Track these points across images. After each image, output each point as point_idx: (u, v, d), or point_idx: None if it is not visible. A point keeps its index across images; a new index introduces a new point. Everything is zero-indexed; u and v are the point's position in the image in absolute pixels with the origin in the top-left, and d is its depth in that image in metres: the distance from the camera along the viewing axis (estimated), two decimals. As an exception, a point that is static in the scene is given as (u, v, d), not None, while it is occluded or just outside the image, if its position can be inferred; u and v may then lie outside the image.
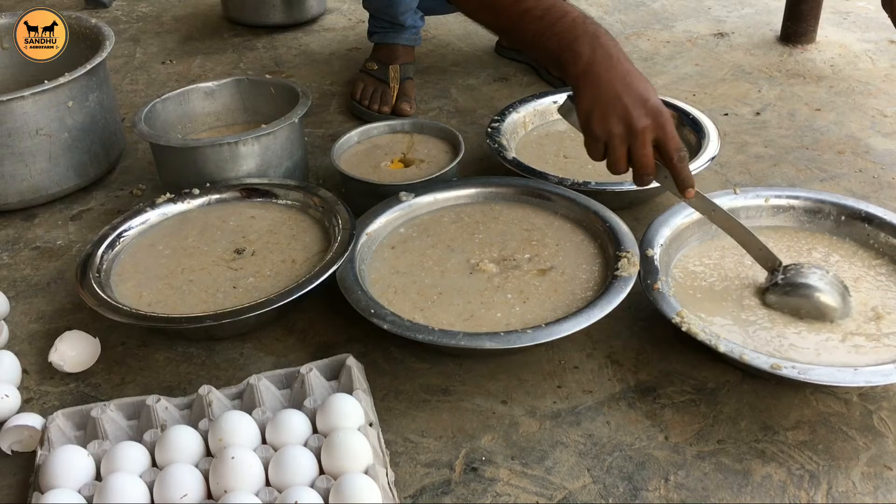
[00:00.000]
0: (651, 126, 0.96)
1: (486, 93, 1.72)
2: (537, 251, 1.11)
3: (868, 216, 1.13)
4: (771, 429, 0.92)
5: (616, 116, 0.96)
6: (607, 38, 0.99)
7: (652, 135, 0.96)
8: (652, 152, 0.97)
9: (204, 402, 0.90)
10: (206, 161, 1.24)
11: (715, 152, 1.29)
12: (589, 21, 1.01)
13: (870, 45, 1.91)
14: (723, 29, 2.03)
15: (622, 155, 0.98)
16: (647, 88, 0.97)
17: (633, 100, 0.95)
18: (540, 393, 0.97)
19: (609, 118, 0.96)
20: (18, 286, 1.19)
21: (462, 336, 0.93)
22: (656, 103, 0.97)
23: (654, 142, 0.97)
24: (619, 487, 0.86)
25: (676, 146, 0.97)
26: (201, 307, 1.03)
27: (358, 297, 1.00)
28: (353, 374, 0.94)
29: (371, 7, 1.68)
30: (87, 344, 1.03)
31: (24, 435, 0.91)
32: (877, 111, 1.61)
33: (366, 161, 1.32)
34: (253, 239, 1.16)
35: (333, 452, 0.82)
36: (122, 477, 0.80)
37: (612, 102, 0.96)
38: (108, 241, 1.14)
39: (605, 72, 0.97)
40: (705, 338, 0.93)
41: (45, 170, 1.32)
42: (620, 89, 0.96)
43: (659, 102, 0.97)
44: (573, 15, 1.00)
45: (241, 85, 1.44)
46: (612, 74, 0.96)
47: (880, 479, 0.86)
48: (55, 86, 1.28)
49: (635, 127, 0.95)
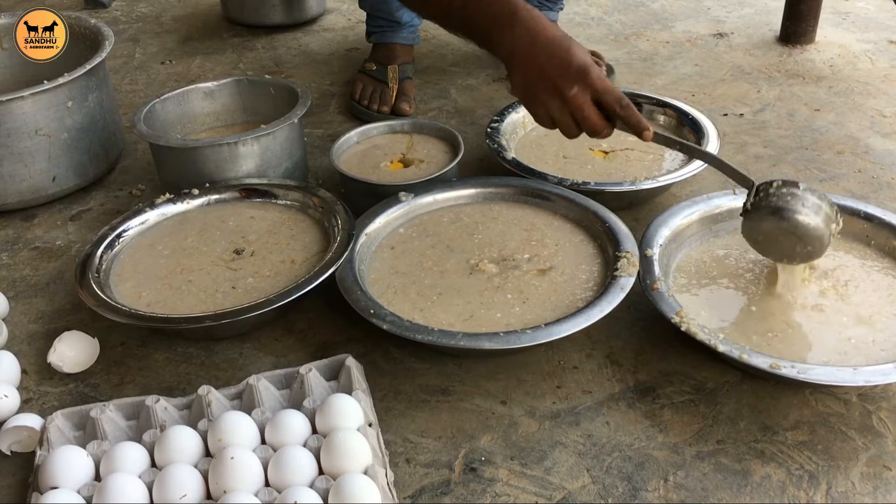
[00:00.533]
0: (580, 88, 0.97)
1: (486, 93, 1.72)
2: (537, 251, 1.11)
3: (867, 216, 1.13)
4: (770, 429, 0.92)
5: (545, 92, 0.98)
6: (525, 13, 0.99)
7: (585, 96, 0.97)
8: (593, 112, 0.98)
9: (203, 402, 0.90)
10: (206, 161, 1.24)
11: (714, 152, 1.29)
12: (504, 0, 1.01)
13: (869, 46, 1.91)
14: (722, 29, 2.03)
15: (568, 122, 1.00)
16: (569, 52, 0.97)
17: (557, 69, 0.97)
18: (539, 393, 0.97)
19: (540, 94, 0.99)
20: (18, 286, 1.19)
21: (461, 336, 0.93)
22: (580, 64, 0.97)
23: (592, 100, 0.98)
24: (619, 488, 0.86)
25: (614, 97, 0.98)
26: (200, 307, 1.03)
27: (357, 298, 1.00)
28: (352, 375, 0.94)
29: (367, 6, 1.68)
30: (87, 344, 1.03)
31: (23, 435, 0.91)
32: (876, 111, 1.62)
33: (365, 161, 1.32)
34: (252, 239, 1.16)
35: (333, 453, 0.82)
36: (122, 477, 0.80)
37: (538, 79, 0.98)
38: (108, 242, 1.14)
39: (525, 50, 0.98)
40: (704, 338, 0.93)
41: (45, 170, 1.32)
42: (543, 63, 0.97)
43: (583, 61, 0.97)
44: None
45: (241, 85, 1.44)
46: (532, 51, 0.98)
47: (879, 480, 0.86)
48: (54, 86, 1.28)
49: (566, 95, 0.97)
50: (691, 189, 1.32)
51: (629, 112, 0.98)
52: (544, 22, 1.00)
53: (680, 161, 1.33)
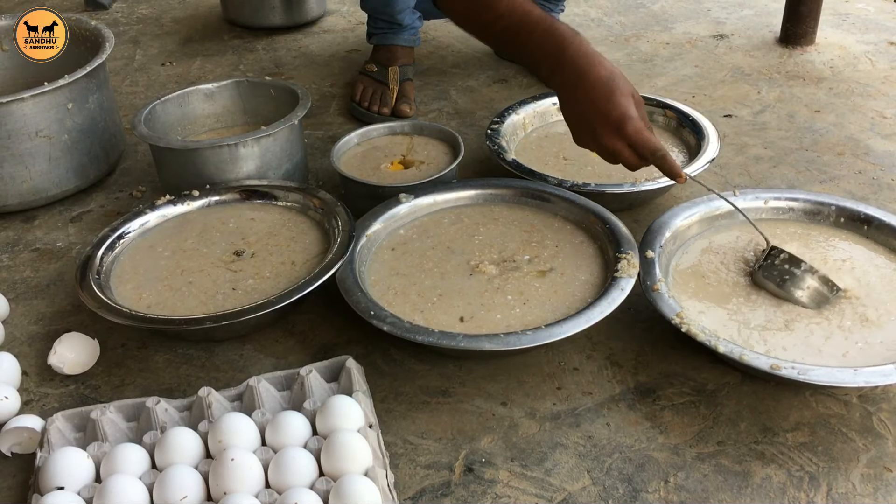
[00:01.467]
0: (618, 138, 1.01)
1: (486, 94, 1.72)
2: (537, 253, 1.11)
3: (867, 218, 1.13)
4: (771, 430, 0.92)
5: (588, 136, 1.04)
6: (572, 52, 1.03)
7: (622, 144, 1.01)
8: (629, 154, 1.02)
9: (204, 403, 0.90)
10: (206, 163, 1.24)
11: (714, 154, 1.29)
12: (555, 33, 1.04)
13: (869, 47, 1.91)
14: (722, 31, 2.03)
15: (607, 158, 1.05)
16: (610, 102, 1.00)
17: (596, 117, 1.01)
18: (540, 394, 0.97)
19: (583, 137, 1.06)
20: (18, 288, 1.19)
21: (462, 338, 0.93)
22: (618, 116, 1.00)
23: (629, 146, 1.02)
24: (619, 489, 0.86)
25: (650, 149, 1.01)
26: (201, 309, 1.03)
27: (358, 299, 1.00)
28: (352, 376, 0.94)
29: (368, 7, 1.68)
30: (87, 346, 1.03)
31: (23, 437, 0.91)
32: (876, 113, 1.62)
33: (365, 163, 1.32)
34: (252, 241, 1.16)
35: (333, 454, 0.82)
36: (122, 479, 0.80)
37: (580, 121, 1.04)
38: (108, 243, 1.14)
39: (571, 93, 1.03)
40: (705, 339, 0.93)
41: (45, 171, 1.32)
42: (585, 109, 1.02)
43: (621, 113, 1.00)
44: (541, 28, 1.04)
45: (241, 87, 1.45)
46: (577, 95, 1.02)
47: (880, 481, 0.86)
48: (55, 88, 1.28)
49: (605, 145, 1.02)
50: (691, 191, 1.32)
51: (663, 163, 1.01)
52: (591, 61, 1.03)
53: (680, 162, 1.33)
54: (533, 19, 1.05)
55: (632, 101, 1.01)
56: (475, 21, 1.12)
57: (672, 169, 1.02)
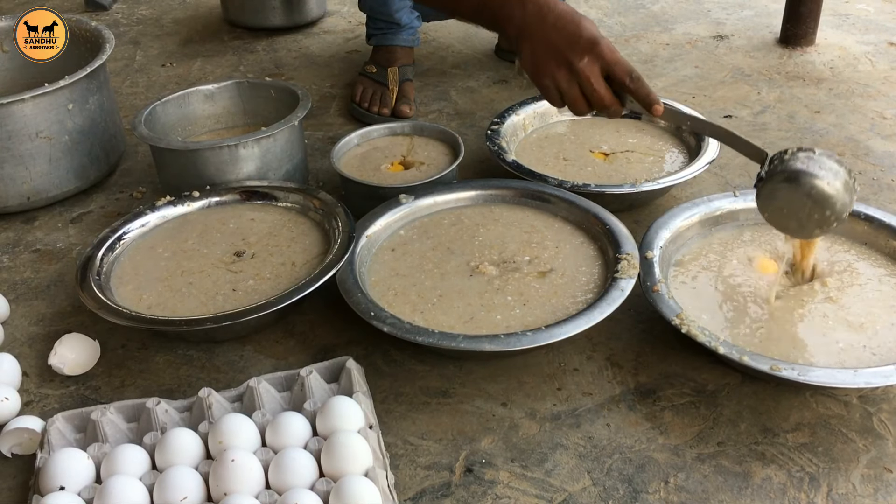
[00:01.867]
0: (590, 60, 0.97)
1: (486, 95, 1.72)
2: (537, 253, 1.11)
3: (868, 218, 1.13)
4: (771, 431, 0.92)
5: (555, 62, 0.98)
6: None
7: (595, 67, 0.97)
8: (602, 84, 0.98)
9: (204, 404, 0.90)
10: (206, 164, 1.24)
11: (714, 154, 1.29)
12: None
13: (869, 48, 1.91)
14: (722, 31, 2.03)
15: (577, 95, 1.00)
16: (579, 25, 0.97)
17: (566, 41, 0.97)
18: (540, 395, 0.97)
19: (549, 66, 0.99)
20: (18, 289, 1.19)
21: (462, 339, 0.93)
22: (590, 35, 0.97)
23: (602, 73, 0.98)
24: (619, 490, 0.86)
25: (624, 69, 0.97)
26: (201, 310, 1.03)
27: (358, 300, 1.00)
28: (352, 377, 0.94)
29: (366, 7, 1.68)
30: (87, 347, 1.03)
31: (24, 437, 0.91)
32: (876, 113, 1.62)
33: (366, 163, 1.32)
34: (253, 241, 1.16)
35: (333, 455, 0.82)
36: (122, 479, 0.80)
37: (548, 51, 0.98)
38: (108, 244, 1.14)
39: (536, 24, 0.99)
40: (705, 340, 0.93)
41: (46, 172, 1.32)
42: (552, 36, 0.98)
43: (592, 33, 0.97)
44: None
45: (241, 87, 1.45)
46: (543, 23, 0.98)
47: (880, 482, 0.86)
48: (55, 88, 1.28)
49: (575, 66, 0.97)
50: (692, 191, 1.32)
51: (639, 84, 0.98)
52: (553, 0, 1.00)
53: (680, 163, 1.33)
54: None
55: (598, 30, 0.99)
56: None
57: (648, 95, 0.98)
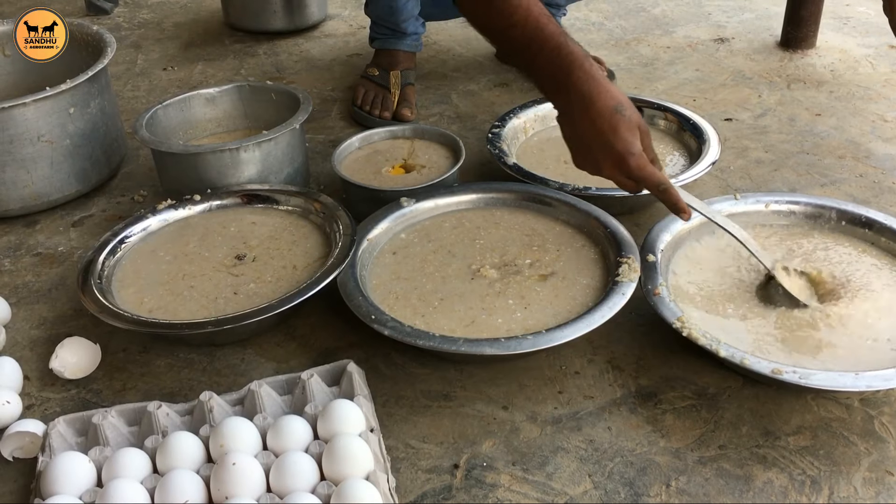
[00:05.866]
0: (619, 172, 0.99)
1: (487, 98, 1.72)
2: (538, 257, 1.11)
3: (869, 221, 1.13)
4: (772, 434, 0.92)
5: (589, 163, 1.02)
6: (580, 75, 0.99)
7: (623, 178, 0.99)
8: (627, 183, 1.00)
9: (205, 408, 0.90)
10: (208, 167, 1.24)
11: (715, 157, 1.29)
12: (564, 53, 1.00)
13: (870, 50, 1.91)
14: (723, 34, 2.03)
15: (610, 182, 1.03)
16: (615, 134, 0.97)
17: (600, 146, 0.98)
18: (541, 398, 0.97)
19: (584, 163, 1.03)
20: (20, 292, 1.19)
21: (463, 342, 0.93)
22: (621, 151, 0.97)
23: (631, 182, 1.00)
24: (621, 493, 0.86)
25: (653, 184, 0.98)
26: (202, 313, 1.03)
27: (359, 303, 1.00)
28: (353, 380, 0.94)
29: (372, 14, 1.69)
30: (88, 350, 1.03)
31: (25, 441, 0.91)
32: (877, 116, 1.62)
33: (367, 167, 1.32)
34: (254, 245, 1.16)
35: (334, 458, 0.82)
36: (124, 483, 0.80)
37: (582, 147, 1.02)
38: (110, 248, 1.14)
39: (576, 119, 1.00)
40: (706, 343, 0.93)
41: (47, 176, 1.33)
42: (589, 137, 0.99)
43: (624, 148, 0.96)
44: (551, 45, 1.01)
45: (243, 91, 1.45)
46: (582, 122, 0.99)
47: (882, 485, 0.86)
48: (57, 92, 1.28)
49: (606, 175, 1.01)
50: (693, 194, 1.32)
51: (666, 197, 0.99)
52: (599, 88, 0.98)
53: (681, 166, 1.33)
54: (545, 34, 1.02)
55: (637, 134, 0.98)
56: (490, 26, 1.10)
57: (676, 204, 0.99)
